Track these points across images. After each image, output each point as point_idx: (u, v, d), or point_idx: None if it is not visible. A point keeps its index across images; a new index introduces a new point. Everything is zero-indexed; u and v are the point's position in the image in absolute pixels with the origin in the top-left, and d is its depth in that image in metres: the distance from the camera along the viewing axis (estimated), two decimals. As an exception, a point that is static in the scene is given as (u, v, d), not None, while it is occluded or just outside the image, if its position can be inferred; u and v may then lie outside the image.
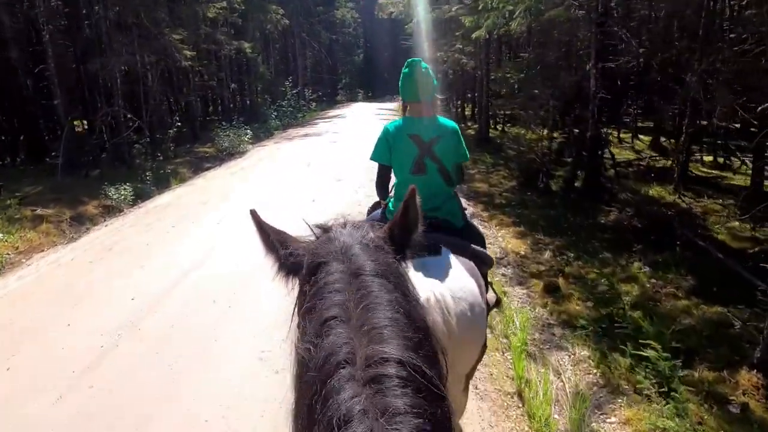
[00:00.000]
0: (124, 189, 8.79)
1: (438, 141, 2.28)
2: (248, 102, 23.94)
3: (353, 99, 41.96)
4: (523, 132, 10.31)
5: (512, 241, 6.17)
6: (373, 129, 18.66)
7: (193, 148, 15.13)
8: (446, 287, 1.76)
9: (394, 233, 1.07)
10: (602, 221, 6.96)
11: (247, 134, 15.26)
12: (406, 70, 2.34)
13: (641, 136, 13.24)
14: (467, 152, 2.42)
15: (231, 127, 15.02)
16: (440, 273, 1.83)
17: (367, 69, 49.45)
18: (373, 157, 2.42)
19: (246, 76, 23.19)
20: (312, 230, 1.08)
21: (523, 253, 5.81)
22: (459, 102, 21.46)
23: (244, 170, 11.14)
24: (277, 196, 8.34)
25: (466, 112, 21.00)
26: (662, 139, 12.24)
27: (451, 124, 2.37)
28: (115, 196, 8.63)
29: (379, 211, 2.54)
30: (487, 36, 7.54)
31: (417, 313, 0.89)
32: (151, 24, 11.98)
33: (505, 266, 5.39)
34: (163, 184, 10.30)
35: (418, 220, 1.09)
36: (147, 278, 4.92)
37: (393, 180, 2.49)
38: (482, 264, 2.16)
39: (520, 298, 4.65)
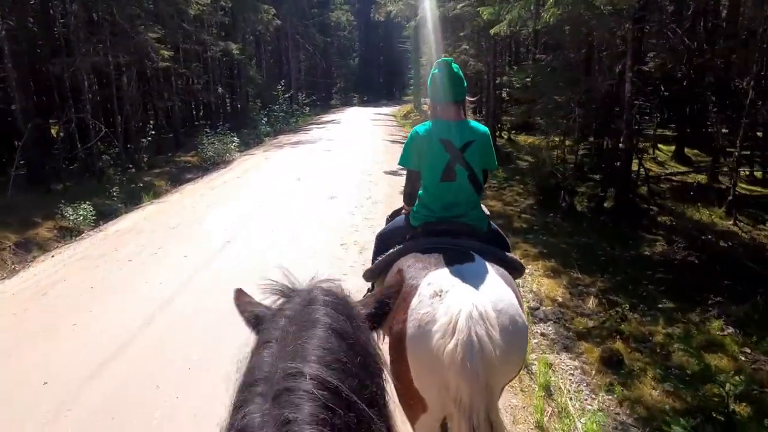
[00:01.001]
0: (83, 208, 7.57)
1: (470, 147, 2.17)
2: (238, 106, 22.72)
3: (348, 103, 40.83)
4: (545, 143, 9.14)
5: (545, 282, 5.00)
6: (369, 136, 17.56)
7: (174, 156, 13.95)
8: (487, 299, 1.64)
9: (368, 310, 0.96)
10: (647, 252, 5.83)
11: (233, 142, 14.11)
12: (436, 70, 2.23)
13: (660, 146, 12.16)
14: (496, 160, 2.34)
15: (216, 134, 13.84)
16: (478, 283, 1.72)
17: (363, 73, 48.47)
18: (402, 162, 2.31)
19: (236, 79, 21.98)
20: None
21: (560, 299, 4.65)
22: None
23: (225, 184, 9.93)
24: (255, 226, 7.16)
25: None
26: (686, 149, 11.19)
27: (483, 128, 2.26)
28: (72, 217, 7.42)
29: (401, 217, 2.47)
30: (509, 32, 6.40)
31: (359, 336, 0.84)
32: (125, 21, 10.77)
33: (543, 321, 4.22)
34: (133, 200, 9.09)
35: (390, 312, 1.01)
36: (73, 347, 3.70)
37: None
38: (514, 270, 2.08)
39: (571, 374, 3.49)
